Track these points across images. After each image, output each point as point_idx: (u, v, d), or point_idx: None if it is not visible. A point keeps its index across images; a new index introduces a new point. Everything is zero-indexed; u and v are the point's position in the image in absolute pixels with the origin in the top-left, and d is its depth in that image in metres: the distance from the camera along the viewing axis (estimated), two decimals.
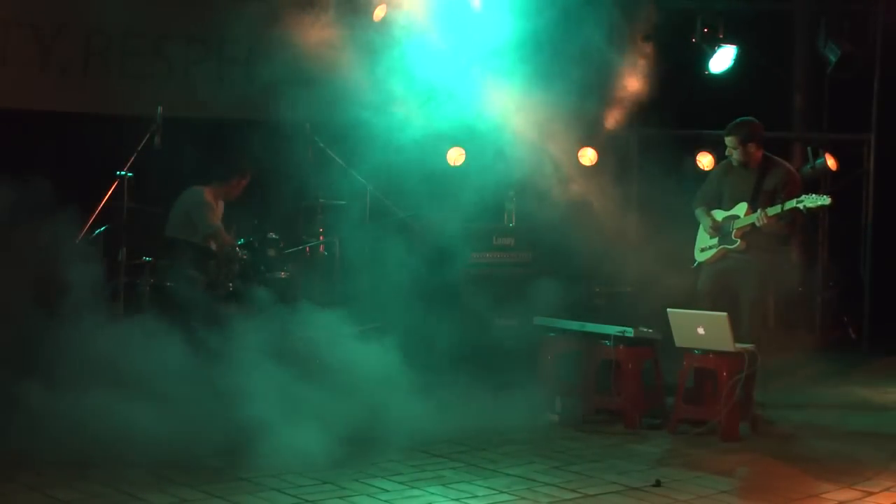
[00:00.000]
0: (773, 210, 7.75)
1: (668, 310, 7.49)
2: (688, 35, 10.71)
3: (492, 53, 9.59)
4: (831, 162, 10.85)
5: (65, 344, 6.86)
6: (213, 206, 8.68)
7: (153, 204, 8.12)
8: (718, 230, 8.04)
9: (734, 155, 8.02)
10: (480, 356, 8.73)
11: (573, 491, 5.98)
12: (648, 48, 10.47)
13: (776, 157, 8.16)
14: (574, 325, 7.95)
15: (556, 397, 7.72)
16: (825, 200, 7.63)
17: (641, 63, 10.18)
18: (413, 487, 5.99)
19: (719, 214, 8.10)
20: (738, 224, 7.92)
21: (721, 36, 10.60)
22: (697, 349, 7.43)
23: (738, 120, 8.12)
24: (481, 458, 6.66)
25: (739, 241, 7.92)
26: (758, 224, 7.76)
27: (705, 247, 8.15)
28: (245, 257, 8.26)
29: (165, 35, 9.61)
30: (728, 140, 8.02)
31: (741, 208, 7.94)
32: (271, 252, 8.43)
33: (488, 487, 6.03)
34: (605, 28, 10.79)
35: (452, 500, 5.81)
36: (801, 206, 7.68)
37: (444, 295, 8.89)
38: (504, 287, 9.07)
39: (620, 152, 10.44)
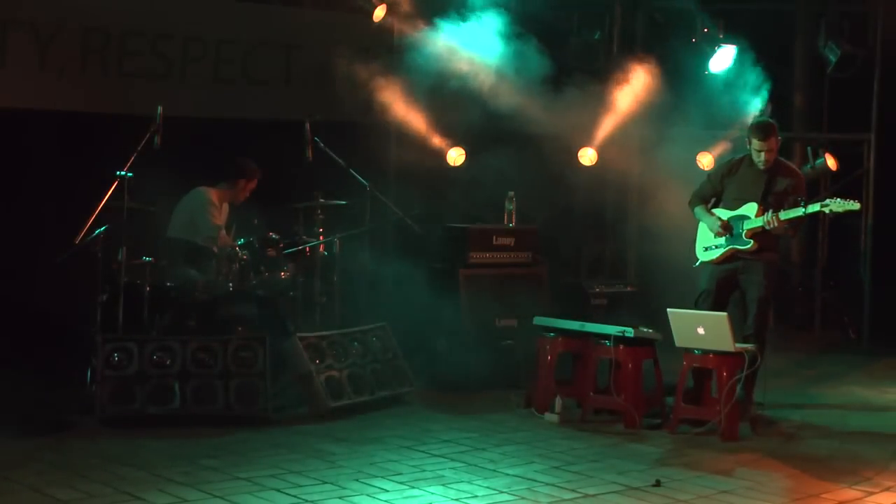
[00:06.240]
0: (793, 213, 7.62)
1: (669, 310, 7.48)
2: (688, 35, 10.73)
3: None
4: (831, 162, 10.84)
5: None
6: (217, 207, 8.64)
7: (153, 204, 8.11)
8: (727, 230, 7.94)
9: (763, 156, 7.81)
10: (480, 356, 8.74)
11: (573, 491, 5.98)
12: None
13: (783, 159, 8.11)
14: (574, 325, 7.94)
15: (555, 397, 7.72)
16: (854, 206, 7.47)
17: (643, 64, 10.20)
18: (413, 487, 5.99)
19: (724, 214, 8.01)
20: (749, 225, 7.81)
21: (721, 36, 10.61)
22: (697, 349, 7.43)
23: (766, 121, 7.99)
24: (481, 458, 6.66)
25: (752, 241, 7.85)
26: (767, 227, 7.69)
27: (709, 246, 8.04)
28: (245, 257, 8.25)
29: (164, 34, 9.59)
30: (765, 143, 7.77)
31: (751, 209, 7.84)
32: (271, 252, 8.42)
33: (488, 487, 6.03)
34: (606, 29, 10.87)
35: (452, 500, 5.81)
36: (826, 209, 7.59)
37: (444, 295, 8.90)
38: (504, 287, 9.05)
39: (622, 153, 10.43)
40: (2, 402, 7.62)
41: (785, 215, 7.67)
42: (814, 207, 7.61)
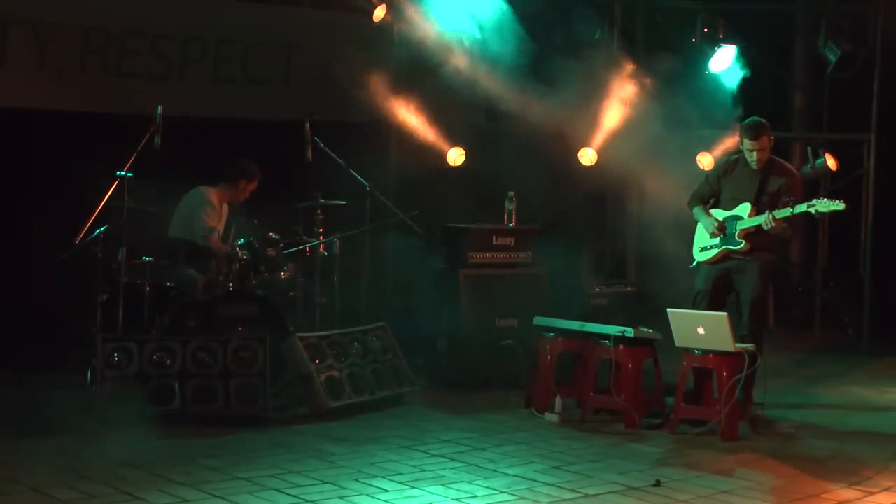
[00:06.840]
0: (782, 213, 7.66)
1: (668, 310, 7.48)
2: (688, 35, 10.74)
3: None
4: (831, 162, 10.85)
5: None
6: (216, 207, 8.63)
7: (153, 204, 8.11)
8: (722, 230, 7.95)
9: (755, 156, 7.81)
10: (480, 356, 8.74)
11: (573, 491, 5.98)
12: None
13: (778, 158, 8.11)
14: (574, 325, 7.94)
15: (555, 397, 7.72)
16: (838, 206, 7.49)
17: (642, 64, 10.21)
18: (413, 487, 5.99)
19: (720, 214, 8.02)
20: (742, 225, 7.82)
21: (721, 36, 10.61)
22: (697, 349, 7.43)
23: (756, 120, 7.99)
24: (481, 458, 6.66)
25: (744, 242, 7.86)
26: (765, 227, 7.69)
27: (705, 246, 8.06)
28: (245, 257, 8.25)
29: (164, 34, 9.59)
30: (756, 142, 7.77)
31: (744, 209, 7.85)
32: (271, 252, 8.42)
33: (488, 487, 6.03)
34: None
35: (452, 500, 5.81)
36: (812, 210, 7.60)
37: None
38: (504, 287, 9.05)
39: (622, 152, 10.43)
40: (2, 402, 7.63)
41: (779, 214, 7.68)
42: (801, 207, 7.64)
